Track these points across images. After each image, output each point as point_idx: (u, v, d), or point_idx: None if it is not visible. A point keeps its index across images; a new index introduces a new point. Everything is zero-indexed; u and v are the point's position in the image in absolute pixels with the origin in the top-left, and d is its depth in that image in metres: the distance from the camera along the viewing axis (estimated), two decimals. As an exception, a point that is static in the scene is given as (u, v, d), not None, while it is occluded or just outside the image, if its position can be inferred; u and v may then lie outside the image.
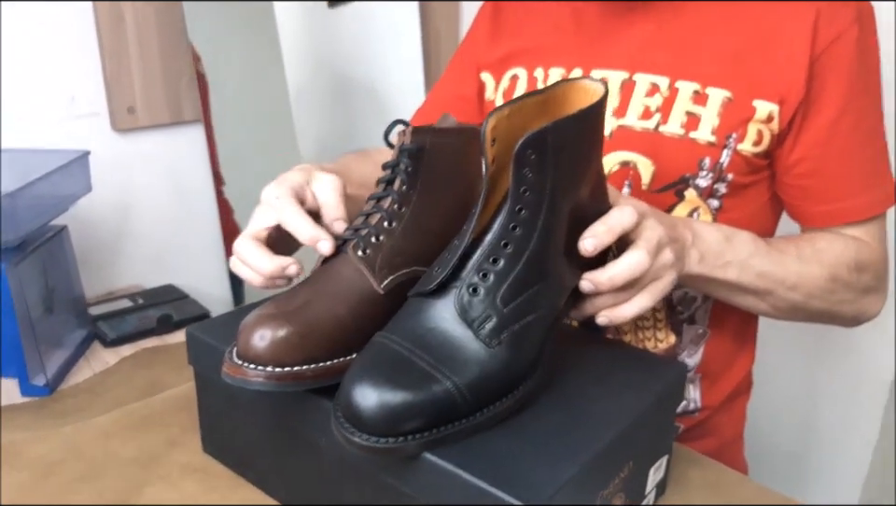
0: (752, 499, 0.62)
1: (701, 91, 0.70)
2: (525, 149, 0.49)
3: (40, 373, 0.84)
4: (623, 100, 0.74)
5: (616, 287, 0.56)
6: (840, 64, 0.67)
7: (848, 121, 0.69)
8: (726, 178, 0.71)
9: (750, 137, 0.69)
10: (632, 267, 0.56)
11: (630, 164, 0.73)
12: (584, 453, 0.48)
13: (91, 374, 0.90)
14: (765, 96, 0.68)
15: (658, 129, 0.72)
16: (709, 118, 0.70)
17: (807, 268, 0.69)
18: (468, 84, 0.87)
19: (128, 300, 1.08)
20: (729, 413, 0.82)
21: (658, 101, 0.72)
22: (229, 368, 0.52)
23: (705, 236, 0.65)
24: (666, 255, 0.58)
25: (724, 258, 0.65)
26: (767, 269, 0.67)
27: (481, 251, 0.51)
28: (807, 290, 0.69)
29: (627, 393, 0.56)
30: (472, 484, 0.45)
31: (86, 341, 0.96)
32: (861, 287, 0.71)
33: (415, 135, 0.59)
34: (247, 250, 0.59)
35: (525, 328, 0.51)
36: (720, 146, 0.70)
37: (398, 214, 0.59)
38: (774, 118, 0.68)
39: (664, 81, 0.72)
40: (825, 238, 0.71)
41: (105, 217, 1.10)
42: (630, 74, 0.74)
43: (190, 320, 1.02)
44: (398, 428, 0.46)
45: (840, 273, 0.69)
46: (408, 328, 0.50)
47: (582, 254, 0.55)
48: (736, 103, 0.69)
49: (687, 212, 0.72)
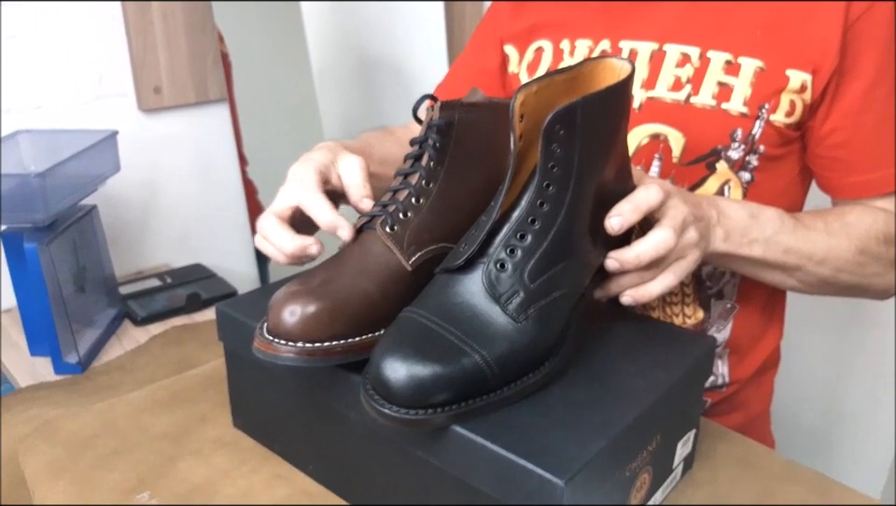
0: (780, 474, 0.62)
1: (733, 60, 0.69)
2: (554, 124, 0.49)
3: (73, 351, 0.86)
4: (653, 71, 0.73)
5: (642, 265, 0.56)
6: (874, 33, 0.66)
7: (882, 91, 0.67)
8: (758, 150, 0.70)
9: (783, 108, 0.68)
10: (657, 246, 0.56)
11: (661, 137, 0.72)
12: (613, 427, 0.48)
13: (123, 352, 0.92)
14: (799, 66, 0.67)
15: (689, 100, 0.71)
16: (741, 88, 0.69)
17: (836, 242, 0.68)
18: (490, 57, 0.86)
19: (156, 279, 1.09)
20: (757, 387, 0.81)
21: (689, 71, 0.71)
22: (260, 343, 0.52)
23: (730, 214, 0.64)
24: (691, 233, 0.58)
25: (750, 235, 0.65)
26: (794, 244, 0.67)
27: (508, 227, 0.51)
28: (836, 264, 0.68)
29: (656, 367, 0.55)
30: (501, 457, 0.46)
31: (116, 319, 0.98)
32: (890, 259, 0.70)
33: (444, 110, 0.59)
34: (271, 228, 0.60)
35: (552, 304, 0.51)
36: (752, 117, 0.68)
37: (425, 190, 0.59)
38: (807, 87, 0.67)
39: (695, 51, 0.71)
40: (854, 211, 0.70)
41: (133, 197, 1.11)
42: (660, 44, 0.73)
43: (219, 298, 1.03)
44: (427, 400, 0.46)
45: (869, 246, 0.68)
46: (436, 303, 0.50)
47: (608, 232, 0.55)
48: (769, 72, 0.68)
49: (718, 185, 0.71)
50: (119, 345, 0.94)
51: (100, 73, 1.04)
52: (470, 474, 0.48)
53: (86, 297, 0.92)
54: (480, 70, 0.87)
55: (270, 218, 0.61)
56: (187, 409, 0.70)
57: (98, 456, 0.63)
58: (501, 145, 0.64)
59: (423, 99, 0.61)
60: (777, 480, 0.61)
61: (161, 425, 0.68)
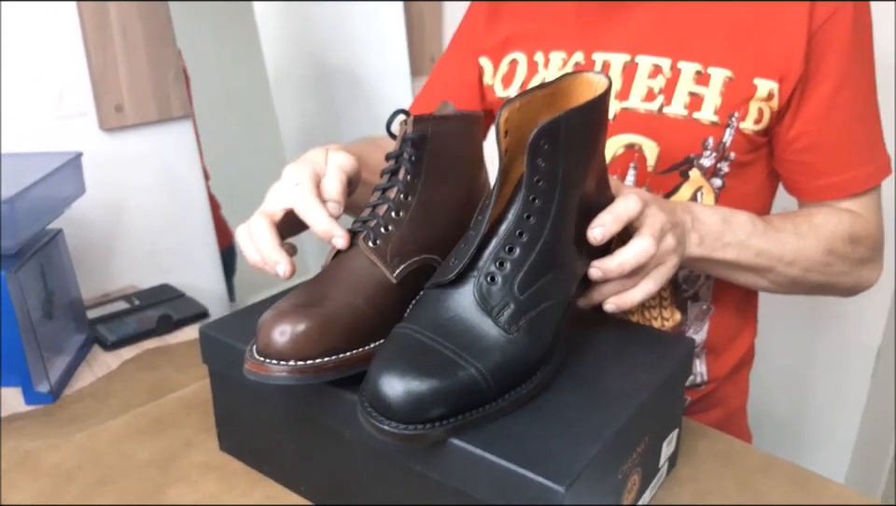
0: (759, 467, 0.64)
1: (703, 70, 0.71)
2: (539, 139, 0.50)
3: (44, 380, 0.83)
4: (626, 82, 0.74)
5: (625, 273, 0.58)
6: (837, 40, 0.68)
7: (845, 96, 0.70)
8: (729, 157, 0.72)
9: (752, 115, 0.71)
10: (638, 254, 0.57)
11: (635, 147, 0.74)
12: (605, 430, 0.49)
13: (94, 379, 0.90)
14: (765, 74, 0.69)
15: (662, 110, 0.73)
16: (712, 98, 0.71)
17: (804, 243, 0.70)
18: (467, 70, 0.87)
19: (124, 301, 1.07)
20: (734, 384, 0.84)
21: (661, 82, 0.73)
22: (251, 365, 0.52)
23: (703, 219, 0.66)
24: (669, 240, 0.60)
25: (723, 239, 0.67)
26: (766, 247, 0.69)
27: (497, 240, 0.52)
28: (805, 265, 0.71)
29: (640, 371, 0.57)
30: (501, 467, 0.46)
31: (86, 345, 0.96)
32: (856, 258, 0.73)
33: (417, 124, 0.59)
34: (259, 229, 0.59)
35: (542, 314, 0.53)
36: (722, 125, 0.71)
37: (404, 203, 0.59)
38: (774, 95, 0.70)
39: (666, 62, 0.73)
40: (821, 213, 0.73)
41: (96, 219, 1.09)
42: (632, 56, 0.75)
43: (190, 319, 1.02)
44: (424, 414, 0.47)
45: (836, 246, 0.71)
46: (428, 317, 0.51)
47: (591, 243, 0.56)
48: (737, 82, 0.70)
49: (691, 191, 0.74)
50: (91, 372, 0.92)
51: (60, 92, 1.02)
52: (471, 486, 0.48)
53: (54, 323, 0.90)
54: (458, 83, 0.88)
55: (261, 218, 0.60)
56: (170, 435, 0.69)
57: (84, 487, 0.62)
58: (475, 154, 0.66)
59: (395, 114, 0.61)
60: (757, 473, 0.63)
61: (146, 452, 0.67)
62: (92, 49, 1.02)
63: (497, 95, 0.84)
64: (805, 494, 0.61)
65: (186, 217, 1.18)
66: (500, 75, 0.83)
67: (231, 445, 0.67)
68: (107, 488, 0.62)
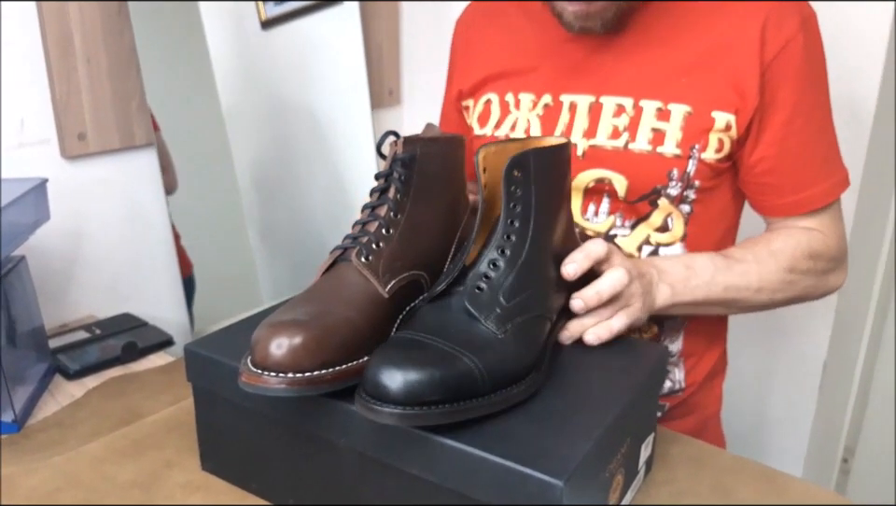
0: (731, 468, 0.67)
1: (664, 107, 0.76)
2: (512, 169, 0.56)
3: (9, 409, 0.81)
4: (593, 122, 0.79)
5: (602, 300, 0.63)
6: (790, 69, 0.74)
7: (801, 120, 0.76)
8: (694, 185, 0.77)
9: (712, 146, 0.75)
10: (614, 282, 0.63)
11: (605, 181, 0.78)
12: (595, 430, 0.52)
13: (58, 408, 0.87)
14: (722, 107, 0.74)
15: (627, 147, 0.77)
16: (673, 132, 0.75)
17: (766, 269, 0.76)
18: (459, 114, 0.94)
19: (84, 331, 1.05)
20: (709, 391, 0.88)
21: (625, 120, 0.77)
22: (247, 377, 0.53)
23: (667, 269, 0.72)
24: (635, 286, 0.66)
25: (691, 283, 0.73)
26: (731, 281, 0.74)
27: (482, 259, 0.57)
28: (771, 288, 0.76)
29: (621, 376, 0.60)
30: (499, 465, 0.48)
31: (48, 374, 0.94)
32: (819, 271, 0.78)
33: (406, 145, 0.62)
34: None
35: (529, 322, 0.56)
36: (685, 157, 0.75)
37: (394, 221, 0.62)
38: (731, 126, 0.75)
39: (629, 102, 0.78)
40: (779, 238, 0.78)
41: (56, 247, 1.07)
42: (596, 97, 0.79)
43: (156, 347, 1.01)
44: (422, 400, 0.48)
45: (797, 265, 0.77)
46: (422, 323, 0.54)
47: (565, 278, 0.62)
48: (696, 115, 0.75)
49: (662, 217, 0.78)
50: (54, 401, 0.90)
51: (21, 119, 1.01)
52: (469, 486, 0.50)
53: (17, 352, 0.88)
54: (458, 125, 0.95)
55: None
56: (150, 456, 0.69)
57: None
58: (458, 175, 0.69)
59: (386, 136, 0.64)
60: (729, 474, 0.67)
61: (127, 474, 0.66)
62: (56, 76, 1.01)
63: (475, 133, 0.88)
64: (773, 490, 0.65)
65: (148, 247, 1.17)
66: (476, 114, 0.88)
67: (214, 465, 0.66)
68: (90, 511, 0.61)
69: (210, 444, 0.66)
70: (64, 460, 0.67)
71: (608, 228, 0.80)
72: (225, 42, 1.29)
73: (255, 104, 1.39)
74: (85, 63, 1.04)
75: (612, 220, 0.79)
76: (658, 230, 0.79)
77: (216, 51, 1.27)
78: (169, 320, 1.17)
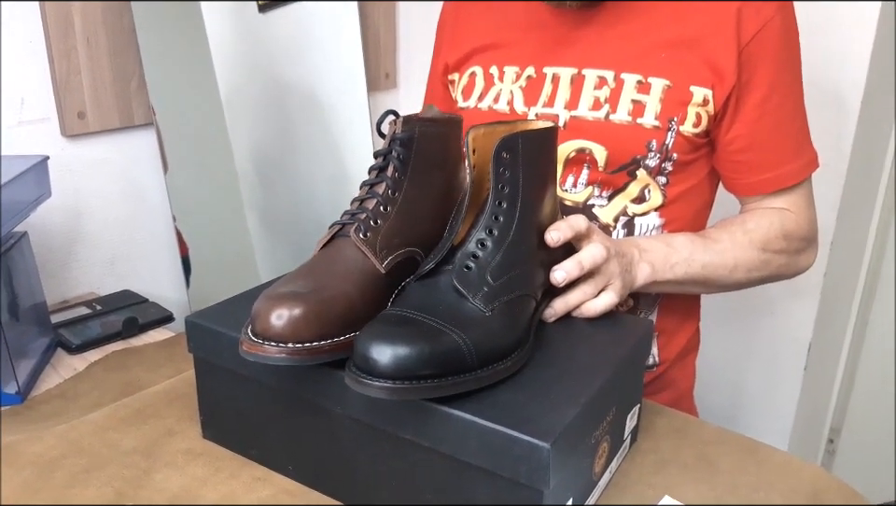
0: (714, 439, 0.70)
1: (644, 80, 0.78)
2: (500, 150, 0.58)
3: (12, 381, 0.83)
4: (574, 93, 0.81)
5: (584, 270, 0.64)
6: (766, 51, 0.76)
7: (776, 101, 0.78)
8: (672, 157, 0.79)
9: (690, 119, 0.78)
10: (594, 253, 0.65)
11: (585, 151, 0.80)
12: (580, 397, 0.54)
13: (61, 381, 0.89)
14: (700, 83, 0.77)
15: (608, 117, 0.79)
16: (653, 104, 0.78)
17: (741, 248, 0.79)
18: (445, 88, 0.95)
19: (85, 307, 1.07)
20: (682, 368, 0.91)
21: (606, 92, 0.79)
22: (248, 346, 0.55)
23: (648, 248, 0.74)
24: (614, 264, 0.68)
25: (671, 260, 0.75)
26: (709, 259, 0.77)
27: (471, 238, 0.59)
28: (747, 266, 0.79)
29: (607, 348, 0.62)
30: (489, 429, 0.50)
31: (50, 348, 0.96)
32: (791, 250, 0.81)
33: (406, 125, 0.64)
34: None
35: (515, 300, 0.59)
36: (664, 129, 0.78)
37: (391, 199, 0.63)
38: (709, 101, 0.77)
39: (610, 74, 0.80)
40: (753, 218, 0.81)
41: (57, 225, 1.09)
42: (579, 69, 0.81)
43: (156, 323, 1.03)
44: (411, 374, 0.50)
45: (770, 244, 0.79)
46: (411, 301, 0.56)
47: (549, 244, 0.63)
48: (675, 89, 0.77)
49: (640, 188, 0.80)
50: (56, 374, 0.92)
51: (21, 97, 1.02)
52: (460, 450, 0.52)
53: (19, 326, 0.90)
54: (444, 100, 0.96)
55: None
56: (152, 424, 0.71)
57: (70, 474, 0.63)
58: (454, 155, 0.70)
59: (385, 115, 0.66)
60: (712, 444, 0.69)
61: (130, 441, 0.68)
62: (56, 56, 1.03)
63: (459, 106, 0.90)
64: (754, 460, 0.67)
65: (147, 225, 1.19)
66: (461, 87, 0.89)
67: (215, 432, 0.69)
68: (93, 475, 0.63)
69: (211, 413, 0.68)
70: (67, 428, 0.69)
71: (585, 198, 0.82)
72: (223, 25, 1.29)
73: (253, 86, 1.40)
74: (85, 44, 1.05)
75: (591, 191, 0.82)
76: (635, 200, 0.81)
77: (213, 34, 1.27)
78: (168, 298, 1.19)
